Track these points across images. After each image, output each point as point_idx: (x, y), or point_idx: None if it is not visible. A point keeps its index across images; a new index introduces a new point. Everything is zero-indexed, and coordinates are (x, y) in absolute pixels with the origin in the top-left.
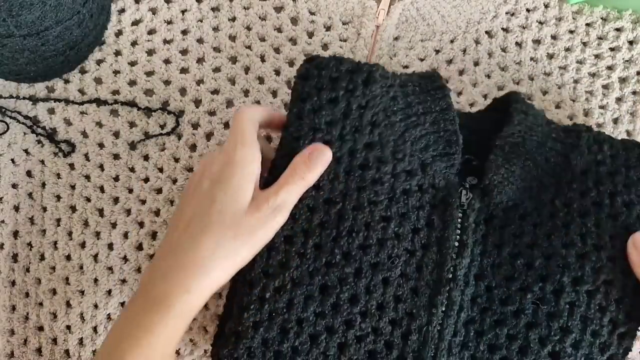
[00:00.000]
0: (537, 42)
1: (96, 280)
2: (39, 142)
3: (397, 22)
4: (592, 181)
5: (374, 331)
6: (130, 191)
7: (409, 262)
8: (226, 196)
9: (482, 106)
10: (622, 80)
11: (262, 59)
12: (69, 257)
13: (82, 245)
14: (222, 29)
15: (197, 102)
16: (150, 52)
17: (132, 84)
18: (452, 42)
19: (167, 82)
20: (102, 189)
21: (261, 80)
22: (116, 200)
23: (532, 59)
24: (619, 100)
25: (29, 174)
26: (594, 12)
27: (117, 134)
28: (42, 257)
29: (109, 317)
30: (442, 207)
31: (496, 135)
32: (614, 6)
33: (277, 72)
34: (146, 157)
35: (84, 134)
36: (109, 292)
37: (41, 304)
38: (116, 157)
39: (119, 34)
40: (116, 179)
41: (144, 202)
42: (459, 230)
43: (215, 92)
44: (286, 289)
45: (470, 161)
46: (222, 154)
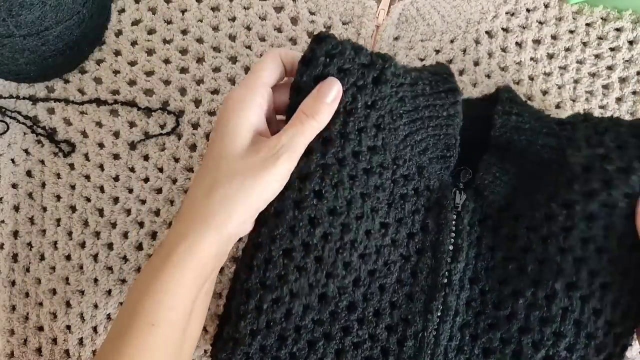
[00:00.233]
0: (537, 42)
1: (96, 280)
2: (39, 142)
3: (397, 22)
4: (599, 181)
5: (371, 337)
6: (130, 191)
7: (404, 267)
8: (222, 141)
9: None
10: (622, 80)
11: None
12: (68, 257)
13: (82, 245)
14: (222, 29)
15: (197, 102)
16: (150, 52)
17: (132, 83)
18: (452, 42)
19: (167, 82)
20: (102, 189)
21: None
22: (116, 200)
23: (532, 59)
24: (619, 100)
25: (29, 174)
26: (594, 12)
27: (117, 134)
28: (42, 257)
29: (108, 317)
30: (437, 210)
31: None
32: (614, 6)
33: None
34: (146, 157)
35: (84, 134)
36: (109, 292)
37: (41, 304)
38: (116, 157)
39: (118, 33)
40: (116, 179)
41: (144, 202)
42: (453, 233)
43: (215, 92)
44: (284, 300)
45: (465, 170)
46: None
